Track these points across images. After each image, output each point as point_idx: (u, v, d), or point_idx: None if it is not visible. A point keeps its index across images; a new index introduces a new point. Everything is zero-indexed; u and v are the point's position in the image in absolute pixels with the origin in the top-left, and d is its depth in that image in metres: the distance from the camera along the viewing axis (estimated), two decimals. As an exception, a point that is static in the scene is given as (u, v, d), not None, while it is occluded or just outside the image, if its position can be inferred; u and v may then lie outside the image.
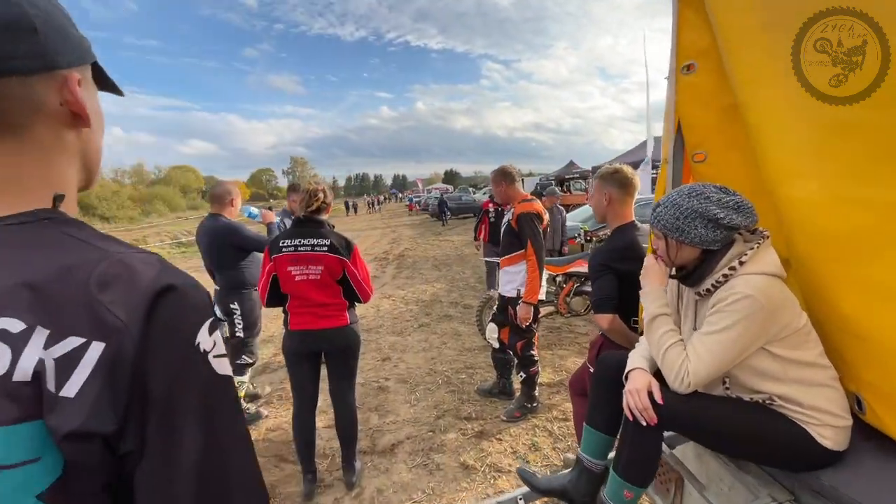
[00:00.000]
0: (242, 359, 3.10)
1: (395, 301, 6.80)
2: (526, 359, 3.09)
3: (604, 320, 1.82)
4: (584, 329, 4.91)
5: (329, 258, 2.25)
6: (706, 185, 1.21)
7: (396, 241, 15.67)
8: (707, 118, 1.58)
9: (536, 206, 2.98)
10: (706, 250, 1.20)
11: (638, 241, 1.92)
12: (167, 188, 58.56)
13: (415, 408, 3.37)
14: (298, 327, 2.34)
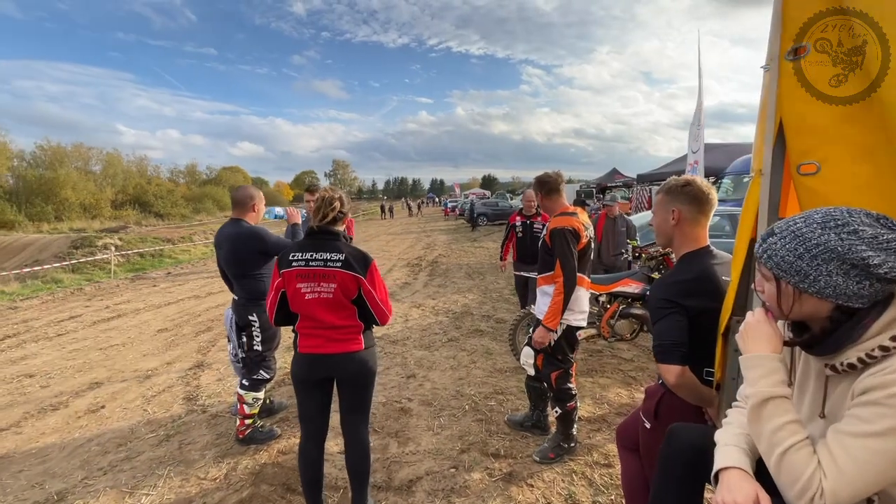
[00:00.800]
0: (260, 374, 2.91)
1: (424, 311, 6.54)
2: (562, 392, 2.72)
3: (670, 373, 1.44)
4: (629, 354, 4.44)
5: (343, 275, 2.00)
6: (852, 212, 0.84)
7: (430, 246, 15.48)
8: (822, 117, 1.20)
9: (573, 221, 2.57)
10: (843, 307, 0.84)
11: (714, 271, 1.53)
12: (217, 188, 61.39)
13: (438, 437, 3.07)
14: (307, 350, 2.09)
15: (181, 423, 3.38)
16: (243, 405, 2.88)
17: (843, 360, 0.83)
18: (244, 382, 2.88)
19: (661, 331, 1.48)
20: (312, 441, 2.17)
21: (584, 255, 2.62)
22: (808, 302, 0.86)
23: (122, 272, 12.78)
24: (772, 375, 0.91)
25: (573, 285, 2.52)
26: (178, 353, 5.07)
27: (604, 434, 3.00)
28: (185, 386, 4.10)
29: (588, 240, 2.63)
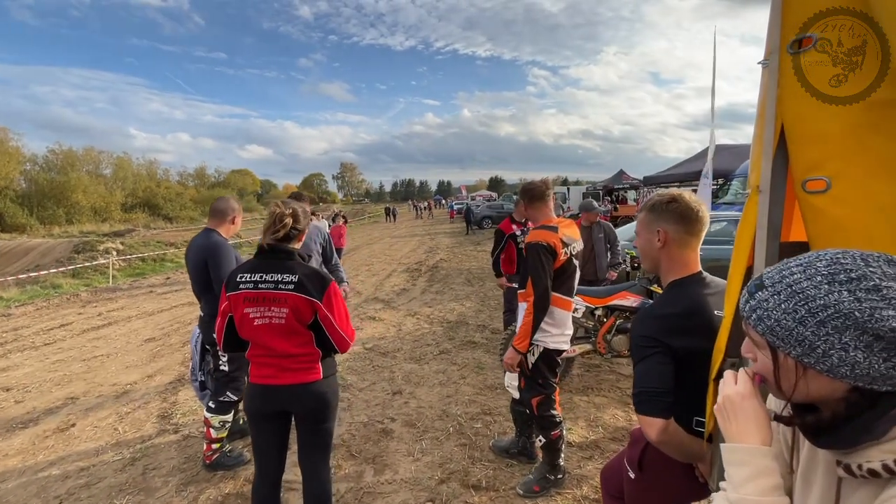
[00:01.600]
0: (227, 396, 2.72)
1: (419, 320, 6.34)
2: (544, 419, 2.48)
3: (651, 427, 1.20)
4: (628, 370, 4.19)
5: (296, 298, 1.79)
6: (869, 260, 0.60)
7: (433, 250, 15.29)
8: (833, 123, 0.98)
9: (550, 237, 2.30)
10: (863, 389, 0.61)
11: (705, 303, 1.31)
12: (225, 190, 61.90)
13: (418, 463, 2.86)
14: (259, 381, 1.88)
15: (150, 444, 3.21)
16: (210, 429, 2.70)
17: (861, 462, 0.61)
18: (210, 405, 2.70)
19: (641, 375, 1.25)
20: (268, 480, 1.95)
21: (564, 273, 2.38)
22: (816, 381, 0.63)
23: (122, 277, 12.76)
24: (762, 478, 0.68)
25: (544, 306, 2.29)
26: (161, 364, 4.92)
27: (596, 463, 2.77)
28: (161, 402, 3.93)
29: (568, 257, 2.38)
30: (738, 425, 0.72)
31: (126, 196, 48.34)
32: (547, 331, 2.39)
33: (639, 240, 1.44)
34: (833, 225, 1.01)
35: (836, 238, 1.04)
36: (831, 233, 1.04)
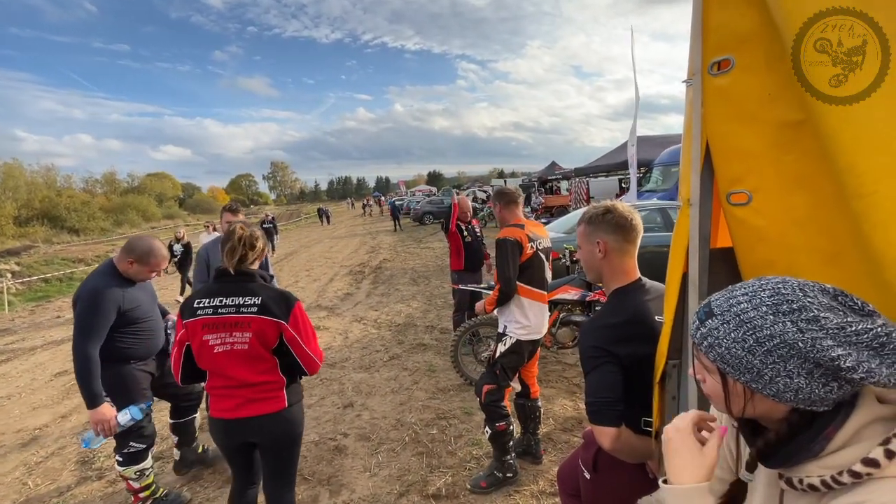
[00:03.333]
0: (131, 446, 2.40)
1: (366, 325, 6.20)
2: (490, 409, 2.56)
3: (605, 436, 1.25)
4: (573, 359, 4.39)
5: (260, 321, 1.71)
6: (806, 289, 0.64)
7: (375, 249, 15.04)
8: (751, 139, 1.05)
9: (518, 233, 2.54)
10: (803, 410, 0.65)
11: (647, 310, 1.37)
12: (141, 197, 56.50)
13: (375, 479, 2.79)
14: (220, 415, 1.78)
15: (69, 496, 2.86)
16: (129, 482, 2.45)
17: (801, 477, 0.66)
18: (118, 458, 2.42)
19: (593, 386, 1.29)
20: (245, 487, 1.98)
21: (530, 267, 2.56)
22: (761, 403, 0.67)
23: (20, 302, 11.26)
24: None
25: (507, 296, 2.53)
26: (77, 401, 4.40)
27: (550, 455, 2.86)
28: (80, 446, 3.51)
29: (534, 251, 2.58)
30: (677, 460, 0.75)
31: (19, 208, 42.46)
32: (520, 322, 2.54)
33: (581, 252, 1.48)
34: (754, 235, 1.09)
35: (758, 247, 1.13)
36: (753, 242, 1.13)
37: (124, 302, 2.29)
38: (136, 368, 2.42)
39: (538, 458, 2.81)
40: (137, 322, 2.37)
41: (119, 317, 2.27)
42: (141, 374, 2.43)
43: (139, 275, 2.37)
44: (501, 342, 2.58)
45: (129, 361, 2.38)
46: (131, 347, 2.36)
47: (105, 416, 2.23)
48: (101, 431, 2.25)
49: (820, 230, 0.98)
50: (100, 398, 2.22)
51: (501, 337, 2.59)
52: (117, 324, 2.28)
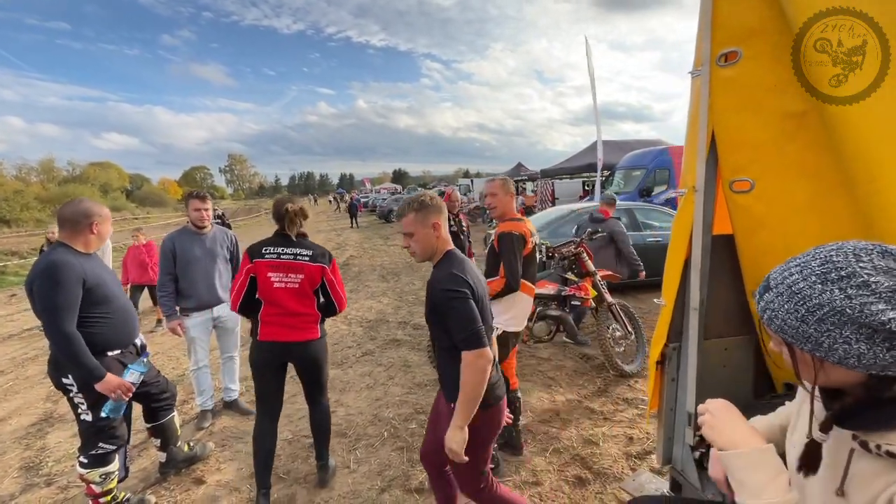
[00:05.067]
0: (99, 448, 2.20)
1: (335, 322, 6.05)
2: None
3: (483, 357, 1.49)
4: (546, 353, 4.47)
5: (310, 267, 2.34)
6: (860, 254, 0.65)
7: (341, 246, 14.74)
8: (756, 130, 1.10)
9: (521, 227, 2.55)
10: (878, 376, 0.65)
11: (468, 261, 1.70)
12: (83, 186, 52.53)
13: (354, 475, 2.73)
14: (269, 338, 2.32)
15: (14, 505, 2.61)
16: (90, 485, 2.26)
17: (879, 443, 0.66)
18: (82, 459, 2.22)
19: (464, 320, 1.50)
20: (268, 416, 2.43)
21: (529, 261, 2.59)
22: (833, 371, 0.68)
23: (-56, 298, 10.20)
24: (780, 477, 0.72)
25: (512, 288, 2.51)
26: (17, 403, 4.04)
27: (529, 447, 2.90)
28: (23, 450, 3.23)
29: (533, 246, 2.61)
30: (729, 434, 0.76)
31: (-61, 195, 38.57)
32: (509, 314, 2.55)
33: (416, 238, 1.68)
34: (756, 221, 1.15)
35: (758, 232, 1.19)
36: (755, 228, 1.19)
37: (87, 275, 2.08)
38: (116, 359, 2.22)
39: (519, 450, 2.83)
40: (108, 302, 2.18)
41: (86, 293, 2.07)
42: (121, 368, 2.24)
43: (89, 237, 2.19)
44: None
45: (107, 351, 2.19)
46: (106, 334, 2.17)
47: (116, 382, 2.13)
48: (123, 395, 2.17)
49: (819, 217, 1.04)
50: (100, 368, 2.08)
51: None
52: (86, 305, 2.08)
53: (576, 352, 4.52)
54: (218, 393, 3.78)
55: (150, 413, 2.63)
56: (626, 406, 3.38)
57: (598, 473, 2.59)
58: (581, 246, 3.91)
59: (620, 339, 4.01)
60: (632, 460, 2.70)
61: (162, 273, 3.13)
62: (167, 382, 2.66)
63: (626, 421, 3.16)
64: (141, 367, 2.31)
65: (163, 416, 2.65)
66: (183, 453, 2.81)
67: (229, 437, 3.22)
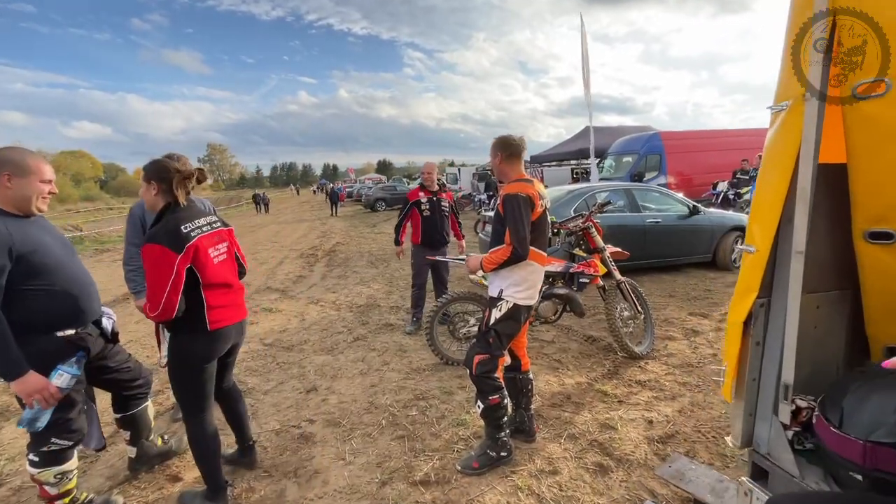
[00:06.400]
0: (52, 444, 1.86)
1: (324, 307, 5.74)
2: (483, 381, 2.31)
3: None
4: (549, 335, 4.25)
5: (226, 232, 2.11)
6: None
7: (327, 234, 14.31)
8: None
9: (528, 188, 2.25)
10: None
11: None
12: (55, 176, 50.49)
13: (351, 467, 2.45)
14: (223, 324, 1.98)
15: (-44, 510, 2.26)
16: (44, 487, 1.92)
17: None
18: (32, 458, 1.88)
19: None
20: (210, 409, 2.10)
21: (539, 227, 2.30)
22: None
23: None
24: None
25: (520, 258, 2.21)
26: (-31, 397, 3.63)
27: (542, 433, 2.66)
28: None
29: (543, 210, 2.32)
30: None
31: None
32: (519, 286, 2.30)
33: None
34: (885, 135, 0.90)
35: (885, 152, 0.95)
36: (883, 144, 0.94)
37: (16, 241, 1.70)
38: (65, 339, 1.85)
39: (531, 436, 2.59)
40: (50, 272, 1.79)
41: (17, 263, 1.70)
42: (69, 349, 1.87)
43: (25, 193, 1.76)
44: (496, 307, 2.33)
45: (50, 330, 1.82)
46: (51, 309, 1.80)
47: (38, 383, 1.72)
48: (43, 402, 1.74)
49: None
50: (21, 364, 1.69)
51: (496, 302, 2.34)
52: (20, 276, 1.71)
53: (580, 333, 4.30)
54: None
55: (121, 402, 2.30)
56: (640, 388, 3.17)
57: (621, 460, 2.37)
58: (589, 220, 3.67)
59: (629, 319, 3.80)
60: (654, 445, 2.49)
61: (129, 245, 2.75)
62: (140, 368, 2.33)
63: (643, 404, 2.95)
64: (73, 368, 1.84)
65: (134, 407, 2.33)
66: (156, 447, 2.49)
67: (209, 428, 2.90)
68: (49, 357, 1.79)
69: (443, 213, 4.49)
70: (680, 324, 4.40)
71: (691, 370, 3.41)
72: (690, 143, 12.23)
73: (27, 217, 1.82)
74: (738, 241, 6.46)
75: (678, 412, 2.82)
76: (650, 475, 2.23)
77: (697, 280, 6.03)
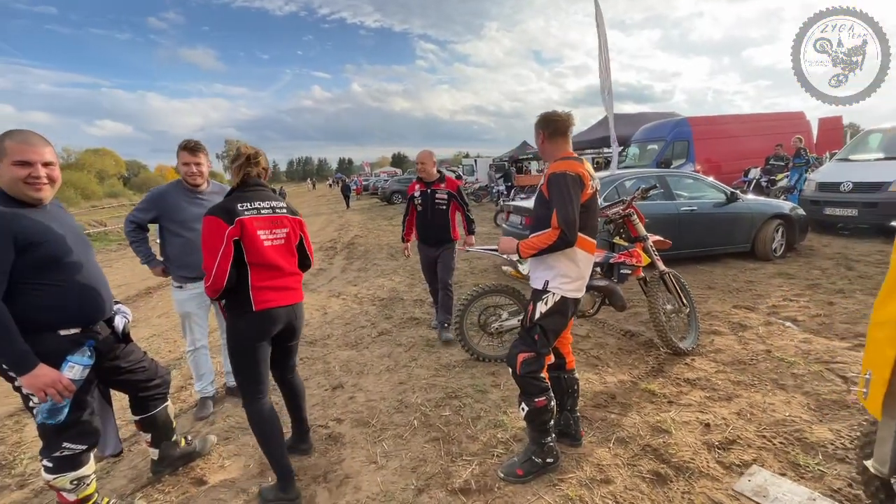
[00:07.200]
0: (64, 448, 1.74)
1: (346, 300, 5.60)
2: (528, 382, 2.11)
3: None
4: (583, 330, 4.02)
5: (291, 220, 2.12)
6: None
7: (344, 227, 14.25)
8: None
9: (577, 167, 2.02)
10: None
11: None
12: (79, 173, 51.64)
13: (384, 472, 2.29)
14: (267, 305, 1.99)
15: (-22, 512, 2.18)
16: (61, 494, 1.80)
17: None
18: (46, 464, 1.76)
19: None
20: (266, 391, 2.09)
21: (588, 210, 2.07)
22: None
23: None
24: None
25: (568, 241, 1.97)
26: (-6, 392, 3.59)
27: (588, 436, 2.46)
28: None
29: (594, 191, 2.09)
30: None
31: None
32: (569, 276, 2.08)
33: None
34: None
35: None
36: None
37: (21, 230, 1.57)
38: (68, 339, 1.71)
39: (577, 440, 2.39)
40: (57, 264, 1.66)
41: (21, 253, 1.57)
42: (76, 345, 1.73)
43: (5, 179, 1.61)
44: (541, 301, 2.12)
45: (55, 328, 1.68)
46: (57, 306, 1.67)
47: (49, 375, 1.59)
48: (57, 396, 1.62)
49: None
50: (29, 356, 1.57)
51: (541, 295, 2.13)
52: (24, 269, 1.58)
53: (616, 328, 4.07)
54: (219, 378, 3.34)
55: (138, 404, 2.17)
56: (690, 387, 2.93)
57: (680, 468, 2.15)
58: (630, 207, 3.41)
59: (672, 312, 3.55)
60: (716, 451, 2.26)
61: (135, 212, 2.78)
62: (157, 367, 2.19)
63: (696, 405, 2.72)
64: (84, 358, 1.73)
65: (153, 408, 2.19)
66: (179, 449, 2.37)
67: (234, 427, 2.78)
68: (52, 358, 1.65)
69: (437, 207, 3.94)
70: (724, 317, 4.12)
71: (744, 368, 3.15)
72: (720, 129, 11.72)
73: (35, 206, 1.68)
74: (779, 229, 6.10)
75: (736, 414, 2.58)
76: (717, 487, 2.01)
77: (737, 271, 5.70)
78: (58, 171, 1.74)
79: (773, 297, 4.62)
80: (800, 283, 5.05)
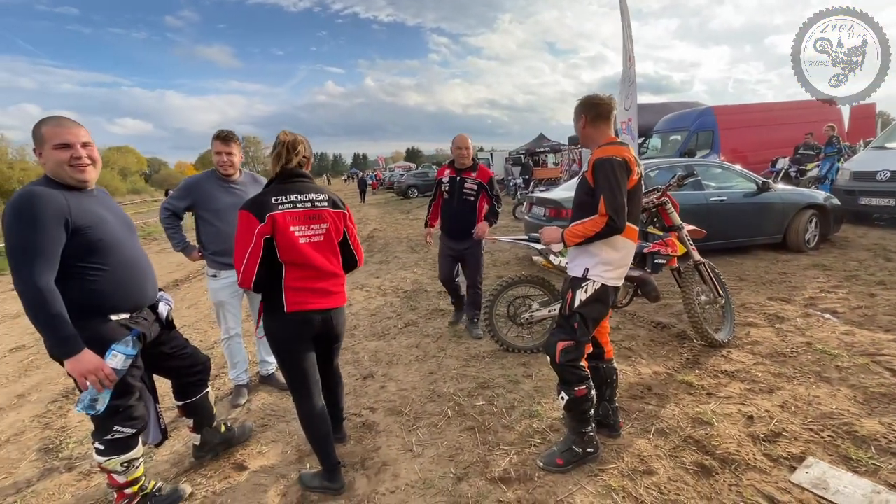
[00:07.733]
0: (115, 432, 1.77)
1: (369, 292, 5.63)
2: (567, 371, 2.08)
3: None
4: (613, 321, 3.96)
5: (332, 214, 1.95)
6: None
7: (362, 221, 14.32)
8: None
9: (623, 151, 1.97)
10: None
11: None
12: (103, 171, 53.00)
13: (420, 459, 2.29)
14: (300, 307, 1.88)
15: (32, 492, 2.26)
16: (112, 475, 1.85)
17: None
18: (98, 447, 1.80)
19: None
20: (317, 396, 2.03)
21: (635, 198, 2.03)
22: None
23: (-31, 276, 10.12)
24: None
25: (616, 228, 1.92)
26: (37, 379, 3.72)
27: (626, 427, 2.42)
28: (42, 430, 2.89)
29: (640, 177, 2.04)
30: None
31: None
32: (610, 264, 2.04)
33: None
34: None
35: None
36: None
37: (73, 212, 1.60)
38: (119, 324, 1.75)
39: (616, 431, 2.36)
40: (107, 251, 1.69)
41: (73, 235, 1.60)
42: (123, 332, 1.76)
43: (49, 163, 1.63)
44: (580, 289, 2.08)
45: (107, 314, 1.72)
46: (106, 291, 1.70)
47: (92, 362, 1.60)
48: (97, 384, 1.63)
49: None
50: (76, 341, 1.58)
51: (580, 283, 2.09)
52: (76, 250, 1.61)
53: (647, 320, 3.99)
54: (253, 367, 3.38)
55: (181, 389, 2.21)
56: (729, 380, 2.86)
57: (725, 460, 2.10)
58: (665, 195, 3.33)
59: (707, 304, 3.46)
60: (761, 444, 2.20)
61: (170, 200, 2.83)
62: (198, 354, 2.23)
63: (736, 397, 2.65)
64: (128, 348, 1.73)
65: (195, 394, 2.23)
66: (220, 435, 2.41)
67: (269, 415, 2.82)
68: (101, 343, 1.67)
69: (464, 197, 3.66)
70: (760, 309, 4.01)
71: (784, 360, 3.06)
72: (745, 118, 11.37)
73: (82, 190, 1.71)
74: (813, 220, 5.91)
75: (780, 407, 2.51)
76: (766, 479, 1.95)
77: (768, 262, 5.55)
78: (96, 151, 1.76)
79: (810, 288, 4.48)
80: (837, 274, 4.89)
